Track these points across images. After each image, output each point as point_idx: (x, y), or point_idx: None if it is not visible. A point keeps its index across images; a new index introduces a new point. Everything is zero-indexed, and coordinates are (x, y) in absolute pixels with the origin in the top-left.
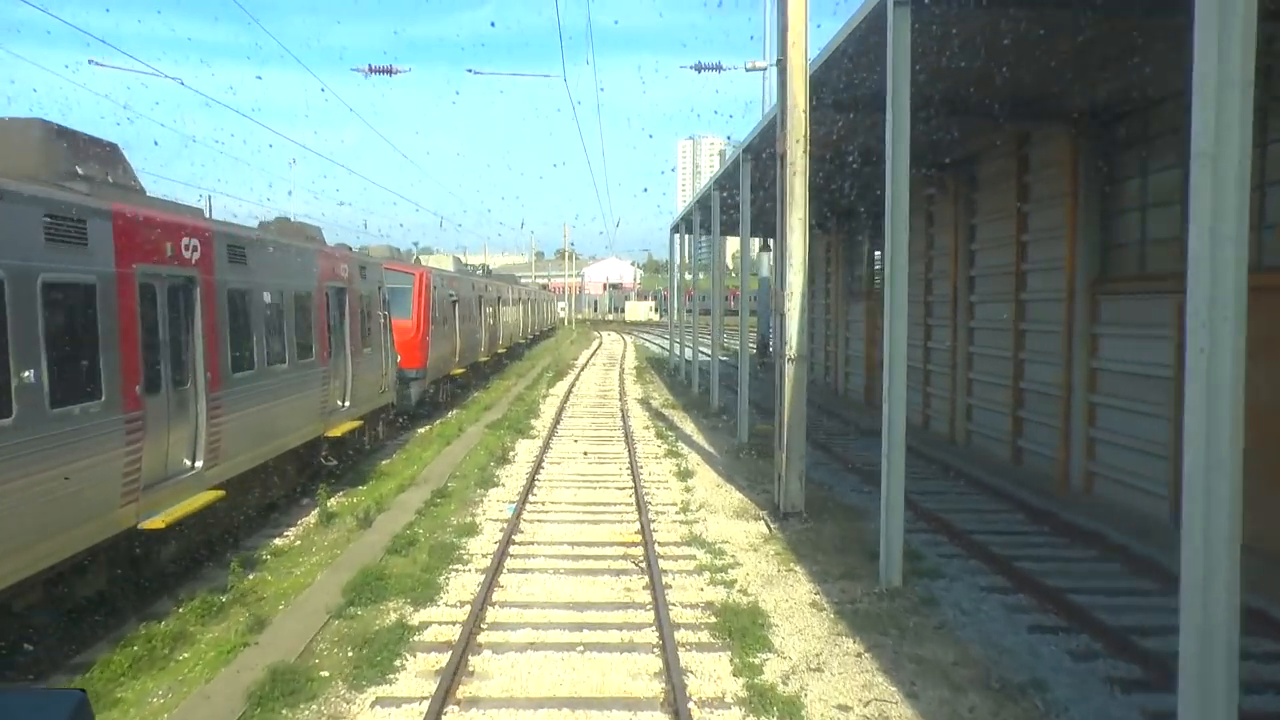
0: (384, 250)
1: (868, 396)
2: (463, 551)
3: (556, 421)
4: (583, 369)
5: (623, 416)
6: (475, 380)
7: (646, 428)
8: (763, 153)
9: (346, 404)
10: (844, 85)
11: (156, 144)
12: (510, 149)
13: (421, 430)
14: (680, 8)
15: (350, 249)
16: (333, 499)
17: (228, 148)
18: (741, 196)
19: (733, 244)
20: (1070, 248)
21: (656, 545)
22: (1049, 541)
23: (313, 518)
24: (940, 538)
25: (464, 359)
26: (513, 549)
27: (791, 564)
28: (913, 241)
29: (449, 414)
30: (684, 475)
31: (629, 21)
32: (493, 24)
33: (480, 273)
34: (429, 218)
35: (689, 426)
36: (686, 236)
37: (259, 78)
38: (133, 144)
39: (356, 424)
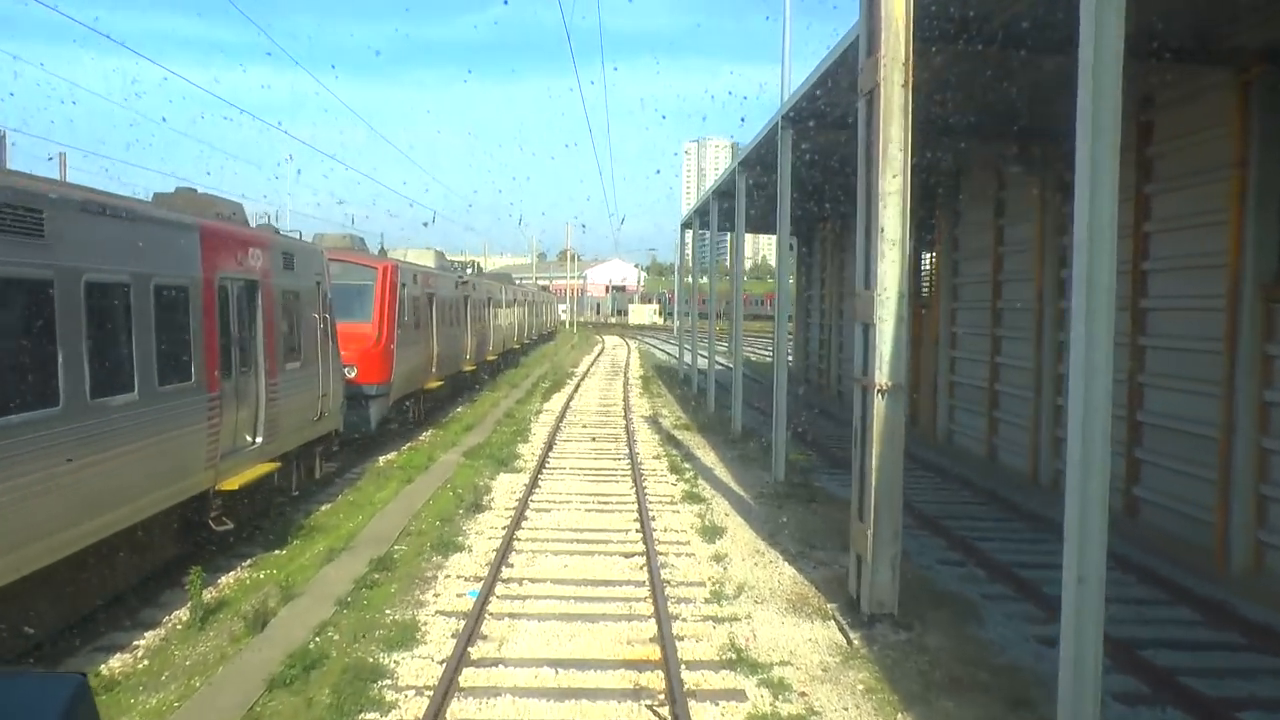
0: (342, 239)
1: (909, 418)
2: (387, 684)
3: (549, 447)
4: (583, 378)
5: (628, 441)
6: (458, 393)
7: (657, 457)
8: (809, 121)
9: (257, 440)
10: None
11: (164, 119)
12: (518, 144)
13: (384, 459)
14: (692, 6)
15: (277, 230)
16: (230, 575)
17: (230, 145)
18: (780, 174)
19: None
20: (1235, 239)
21: (683, 669)
22: (1258, 665)
23: (186, 612)
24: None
25: (444, 369)
26: (465, 676)
27: (898, 715)
28: (975, 237)
29: (421, 436)
30: (710, 533)
31: (642, 12)
32: (506, 1)
33: (471, 270)
34: (435, 216)
35: (709, 456)
36: (703, 234)
37: (269, 53)
38: (140, 136)
39: (272, 467)
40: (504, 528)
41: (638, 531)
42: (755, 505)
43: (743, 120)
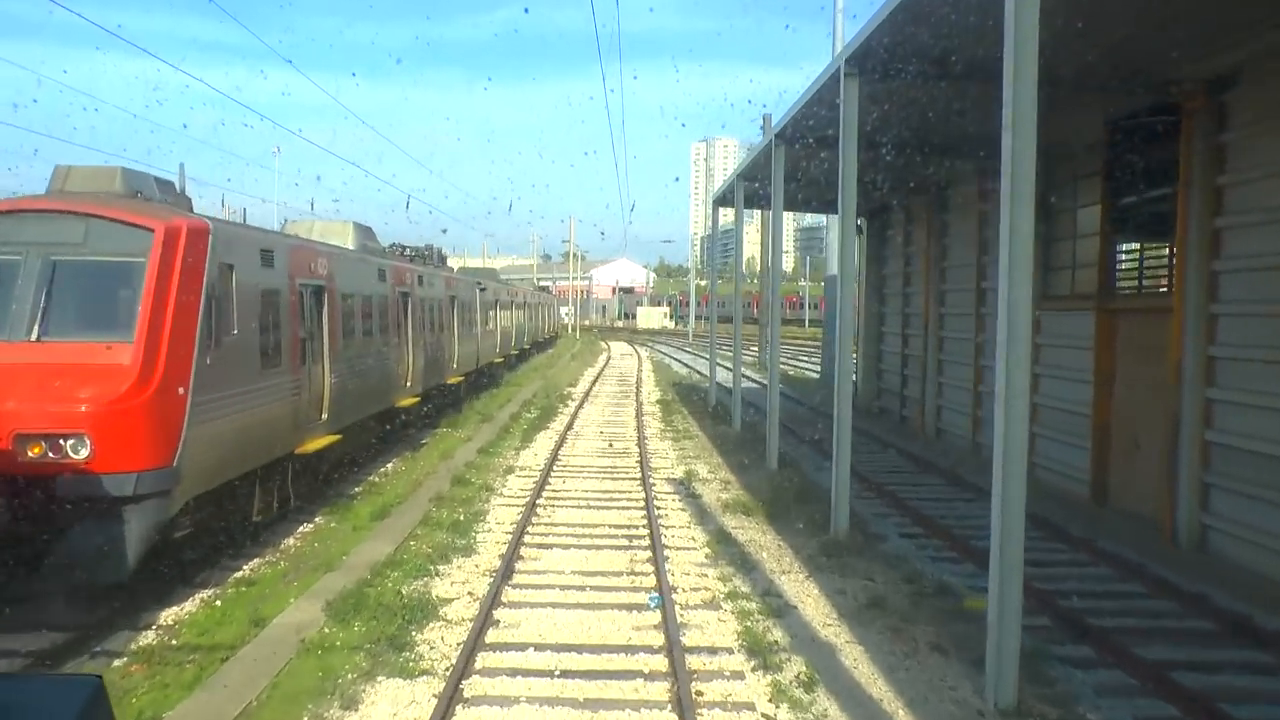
0: (102, 175)
1: (1097, 490)
2: None
3: (506, 571)
4: (582, 403)
5: (653, 548)
6: (392, 438)
7: (712, 602)
8: None
9: None
10: None
11: (185, 126)
12: (536, 147)
13: (169, 616)
14: (709, 10)
15: None
16: None
17: (250, 152)
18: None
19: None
20: None
21: None
22: None
23: None
24: None
25: (348, 413)
26: None
27: None
28: (1263, 191)
29: (285, 541)
30: None
31: (662, 16)
32: (526, 10)
33: (433, 260)
34: (446, 218)
35: (809, 597)
36: (741, 216)
37: (289, 61)
38: (150, 138)
39: None
40: None
41: None
42: None
43: (761, 129)
